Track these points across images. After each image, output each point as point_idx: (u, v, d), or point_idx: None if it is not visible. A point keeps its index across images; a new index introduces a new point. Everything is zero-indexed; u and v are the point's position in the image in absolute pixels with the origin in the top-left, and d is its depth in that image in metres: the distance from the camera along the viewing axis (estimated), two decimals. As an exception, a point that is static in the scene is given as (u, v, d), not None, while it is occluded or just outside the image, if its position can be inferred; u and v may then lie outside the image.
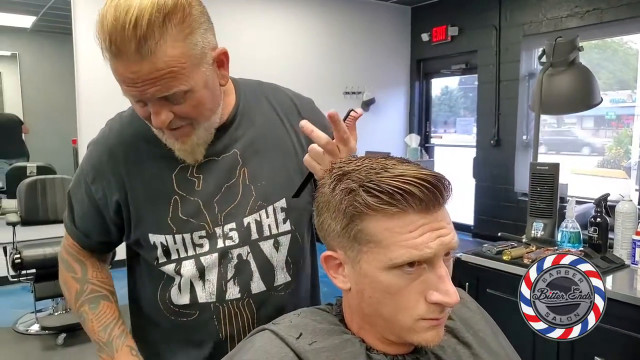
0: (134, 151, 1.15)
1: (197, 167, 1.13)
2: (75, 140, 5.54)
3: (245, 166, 1.15)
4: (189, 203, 1.12)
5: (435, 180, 0.79)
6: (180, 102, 1.00)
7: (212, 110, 1.08)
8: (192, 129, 1.06)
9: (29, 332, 4.01)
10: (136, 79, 0.95)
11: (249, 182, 1.15)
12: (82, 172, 1.19)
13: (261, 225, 1.15)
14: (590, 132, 7.34)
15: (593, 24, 5.23)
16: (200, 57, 1.00)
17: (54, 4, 5.31)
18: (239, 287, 1.13)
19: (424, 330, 0.83)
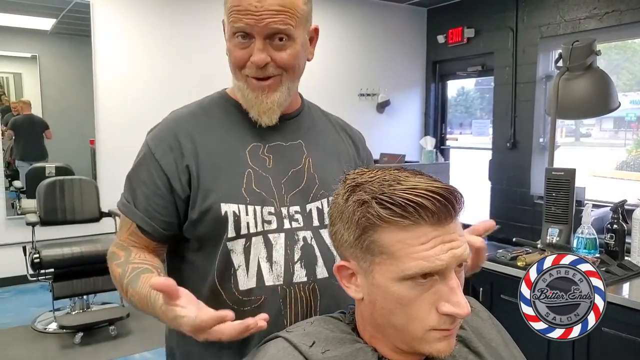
0: (207, 129, 1.21)
1: (267, 148, 1.19)
2: (93, 140, 5.60)
3: (310, 156, 1.22)
4: (262, 178, 1.17)
5: (447, 193, 0.79)
6: (280, 48, 1.10)
7: (299, 71, 1.19)
8: (279, 82, 1.15)
9: (47, 331, 4.07)
10: (259, 7, 1.05)
11: (313, 171, 1.21)
12: (147, 152, 1.22)
13: (322, 213, 1.20)
14: (610, 133, 7.28)
15: (612, 25, 5.18)
16: (307, 19, 1.16)
17: (73, 6, 5.37)
18: (305, 270, 1.15)
19: (436, 341, 0.84)
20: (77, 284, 4.05)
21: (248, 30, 1.08)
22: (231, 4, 1.09)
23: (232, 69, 1.17)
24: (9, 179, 5.30)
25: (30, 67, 5.56)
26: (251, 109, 1.17)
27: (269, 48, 1.10)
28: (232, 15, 1.09)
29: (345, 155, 1.31)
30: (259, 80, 1.13)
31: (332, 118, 1.38)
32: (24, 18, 5.36)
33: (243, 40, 1.10)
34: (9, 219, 5.18)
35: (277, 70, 1.13)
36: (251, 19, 1.06)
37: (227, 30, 1.14)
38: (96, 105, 5.53)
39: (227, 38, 1.14)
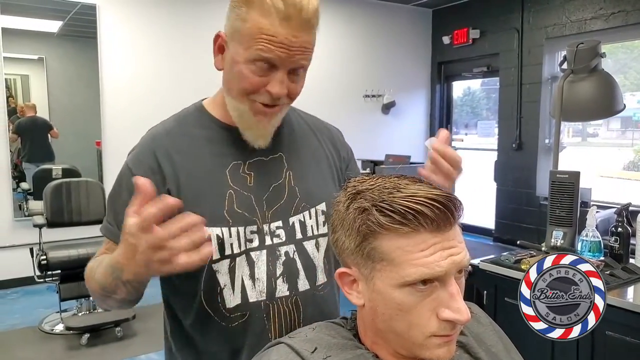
0: (185, 148, 1.19)
1: (247, 165, 1.19)
2: (99, 142, 5.62)
3: (291, 169, 1.23)
4: (243, 197, 1.17)
5: (446, 201, 0.80)
6: (296, 81, 1.14)
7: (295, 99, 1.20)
8: (280, 110, 1.17)
9: (54, 332, 4.09)
10: (294, 42, 1.07)
11: (294, 184, 1.22)
12: (128, 175, 1.21)
13: (305, 225, 1.21)
14: (617, 133, 7.25)
15: (618, 26, 5.17)
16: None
17: (79, 9, 5.40)
18: (287, 284, 1.17)
19: (436, 347, 0.85)
20: (83, 286, 3.99)
21: (277, 63, 1.08)
22: (261, 30, 1.05)
23: (234, 89, 1.14)
24: (16, 180, 5.34)
25: (37, 69, 5.59)
26: (247, 131, 1.17)
27: (288, 80, 1.12)
28: (260, 43, 1.06)
29: (325, 160, 1.31)
30: (267, 106, 1.13)
31: (309, 120, 1.37)
32: (31, 21, 5.40)
33: (264, 69, 1.09)
34: (17, 220, 5.21)
35: (287, 100, 1.15)
36: (284, 52, 1.06)
37: (241, 52, 1.09)
38: (102, 107, 5.56)
39: (239, 59, 1.10)
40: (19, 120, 5.61)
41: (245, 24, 1.07)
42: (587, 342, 2.09)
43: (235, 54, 1.10)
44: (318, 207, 1.23)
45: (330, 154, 1.33)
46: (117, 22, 5.57)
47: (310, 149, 1.30)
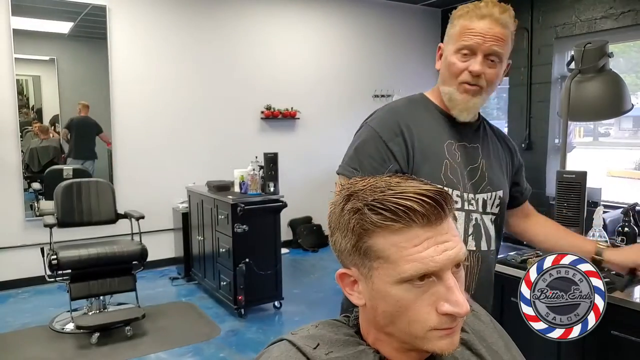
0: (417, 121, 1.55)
1: (456, 146, 1.55)
2: (110, 143, 5.67)
3: (484, 158, 1.59)
4: (454, 168, 1.52)
5: (435, 195, 0.82)
6: (492, 66, 1.47)
7: (493, 89, 1.53)
8: (480, 92, 1.50)
9: (64, 331, 4.12)
10: (488, 32, 1.44)
11: (485, 170, 1.58)
12: (374, 135, 1.53)
13: (486, 203, 1.56)
14: (629, 133, 7.20)
15: (628, 25, 5.14)
16: (508, 52, 1.51)
17: (90, 10, 5.44)
18: (474, 242, 1.51)
19: (438, 339, 0.85)
20: (93, 285, 4.11)
21: (474, 48, 1.45)
22: (464, 27, 1.46)
23: (447, 78, 1.52)
24: (27, 180, 5.39)
25: (48, 70, 5.63)
26: (454, 108, 1.53)
27: (485, 64, 1.46)
28: (463, 36, 1.46)
29: (504, 161, 1.68)
30: (469, 85, 1.48)
31: (495, 129, 1.73)
32: (43, 22, 5.44)
33: (465, 55, 1.47)
34: (28, 220, 5.27)
35: (484, 82, 1.48)
36: (480, 39, 1.44)
37: (451, 48, 1.49)
38: (112, 108, 5.61)
39: (449, 54, 1.50)
40: (72, 118, 5.75)
41: (455, 28, 1.50)
42: (593, 342, 2.08)
43: (447, 51, 1.51)
44: (497, 192, 1.58)
45: (508, 157, 1.71)
46: (126, 23, 5.61)
47: (496, 148, 1.66)
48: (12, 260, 5.20)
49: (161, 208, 5.79)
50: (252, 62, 6.44)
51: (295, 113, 6.71)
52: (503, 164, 1.67)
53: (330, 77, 7.01)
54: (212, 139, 6.21)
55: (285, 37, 6.66)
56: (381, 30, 7.26)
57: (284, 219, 5.23)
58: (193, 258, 5.46)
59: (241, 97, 6.39)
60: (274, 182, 4.68)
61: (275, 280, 4.65)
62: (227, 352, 3.82)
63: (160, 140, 5.88)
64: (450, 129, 1.56)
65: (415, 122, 1.54)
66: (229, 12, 6.25)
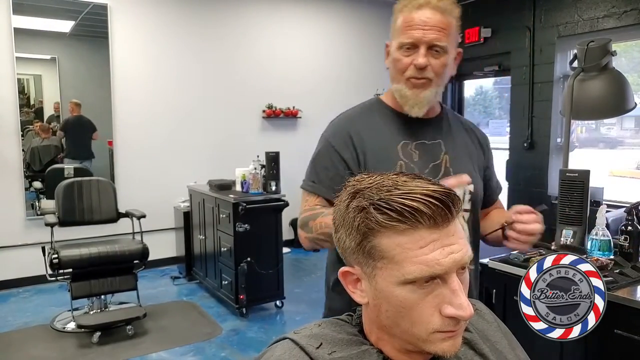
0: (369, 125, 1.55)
1: (414, 145, 1.51)
2: (111, 142, 5.66)
3: (447, 153, 1.53)
4: (410, 168, 1.48)
5: (443, 196, 0.80)
6: (437, 57, 1.43)
7: (444, 80, 1.49)
8: (430, 84, 1.46)
9: (66, 330, 4.12)
10: (427, 22, 1.41)
11: (449, 166, 1.52)
12: (327, 145, 1.55)
13: None
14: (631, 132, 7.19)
15: (631, 24, 5.12)
16: (455, 40, 1.48)
17: (91, 9, 5.44)
18: None
19: (440, 341, 0.84)
20: (94, 284, 4.10)
21: (416, 42, 1.42)
22: (403, 22, 1.45)
23: (394, 75, 1.50)
24: (28, 180, 5.38)
25: (49, 69, 5.64)
26: (406, 104, 1.49)
27: (428, 55, 1.43)
28: (403, 32, 1.44)
29: (474, 154, 1.61)
30: (417, 79, 1.45)
31: (463, 120, 1.69)
32: (43, 21, 5.44)
33: (408, 50, 1.44)
34: (29, 219, 5.26)
35: (431, 74, 1.44)
36: (420, 32, 1.41)
37: (394, 45, 1.48)
38: (114, 107, 5.61)
39: (393, 50, 1.48)
40: (67, 118, 5.73)
41: (396, 23, 1.48)
42: (596, 341, 2.08)
43: (392, 48, 1.50)
44: (467, 187, 1.50)
45: (479, 150, 1.64)
46: (128, 22, 5.60)
47: (463, 141, 1.60)
48: (13, 260, 5.20)
49: (162, 207, 5.78)
50: (253, 61, 6.43)
51: (297, 112, 6.71)
52: (473, 157, 1.62)
53: (331, 76, 7.00)
54: (213, 138, 6.20)
55: (286, 36, 6.65)
56: (383, 28, 7.23)
57: (285, 218, 5.22)
58: (194, 257, 5.46)
59: (243, 96, 6.38)
60: (276, 181, 4.68)
61: (276, 280, 4.65)
62: (229, 351, 3.81)
63: (161, 139, 5.88)
64: (406, 129, 1.53)
65: (367, 127, 1.54)
66: (230, 11, 6.24)
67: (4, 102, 5.10)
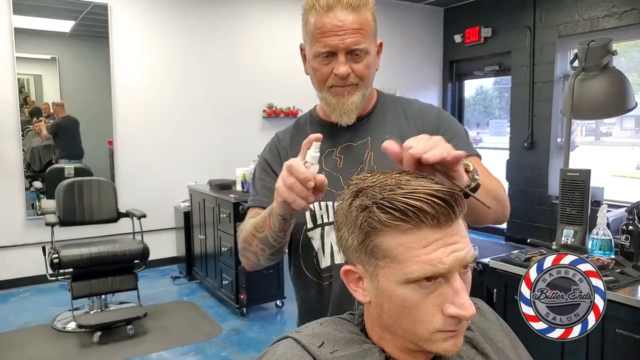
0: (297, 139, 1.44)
1: (339, 150, 1.42)
2: (111, 141, 5.66)
3: (372, 150, 1.40)
4: (333, 178, 1.36)
5: (446, 196, 0.80)
6: (358, 61, 1.30)
7: (371, 80, 1.38)
8: (355, 89, 1.34)
9: (66, 330, 4.12)
10: (342, 26, 1.26)
11: (374, 164, 1.38)
12: (263, 161, 1.51)
13: None
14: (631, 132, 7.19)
15: (631, 24, 5.13)
16: (374, 34, 1.35)
17: (91, 9, 5.44)
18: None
19: (442, 341, 0.84)
20: (95, 284, 4.10)
21: (332, 50, 1.28)
22: (314, 28, 1.29)
23: (316, 85, 1.37)
24: (29, 179, 5.39)
25: (50, 69, 5.64)
26: (333, 113, 1.38)
27: (350, 61, 1.30)
28: (316, 39, 1.29)
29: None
30: (341, 87, 1.33)
31: (405, 106, 1.49)
32: (44, 20, 5.44)
33: (326, 58, 1.30)
34: (29, 219, 5.26)
35: (355, 79, 1.32)
36: (335, 39, 1.27)
37: (309, 52, 1.33)
38: (114, 106, 5.60)
39: (310, 58, 1.34)
40: (57, 120, 5.71)
41: (307, 27, 1.32)
42: (597, 340, 2.08)
43: (309, 54, 1.34)
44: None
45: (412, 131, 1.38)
46: (128, 21, 5.60)
47: (397, 132, 1.40)
48: (13, 259, 5.20)
49: (163, 207, 5.78)
50: (253, 60, 6.43)
51: (297, 112, 6.70)
52: None
53: (332, 76, 7.00)
54: (213, 137, 6.20)
55: (287, 36, 6.65)
56: (383, 28, 7.19)
57: (285, 218, 5.22)
58: (195, 257, 5.46)
59: (243, 96, 6.38)
60: (276, 181, 4.67)
61: (277, 279, 4.65)
62: (229, 351, 3.81)
63: (162, 138, 5.87)
64: (333, 136, 1.42)
65: (295, 141, 1.44)
66: (230, 11, 6.24)
67: (4, 102, 5.10)
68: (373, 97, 1.48)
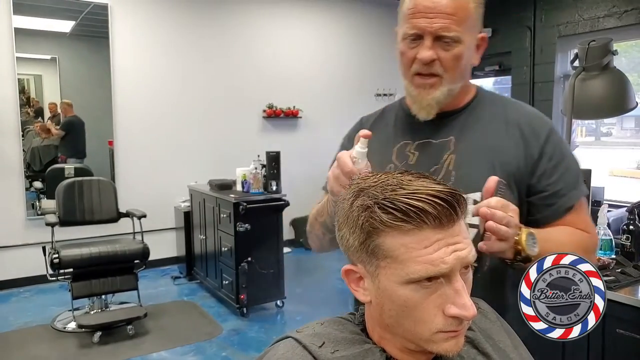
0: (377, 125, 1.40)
1: (415, 145, 1.32)
2: (112, 141, 5.66)
3: (454, 153, 1.27)
4: None
5: (449, 197, 0.80)
6: (447, 49, 1.19)
7: (461, 74, 1.26)
8: (439, 83, 1.23)
9: (66, 330, 4.12)
10: (433, 8, 1.17)
11: (452, 168, 1.26)
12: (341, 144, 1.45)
13: None
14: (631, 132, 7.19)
15: (632, 24, 5.12)
16: (473, 26, 1.23)
17: (92, 9, 5.44)
18: None
19: (443, 341, 0.84)
20: (95, 284, 4.10)
21: (419, 32, 1.19)
22: (407, 7, 1.21)
23: (401, 70, 1.28)
24: (29, 179, 5.38)
25: (50, 69, 5.64)
26: (413, 105, 1.28)
27: (436, 47, 1.19)
28: (406, 20, 1.21)
29: (506, 153, 1.25)
30: (422, 76, 1.23)
31: (510, 113, 1.31)
32: (44, 21, 5.44)
33: (413, 42, 1.21)
34: (29, 219, 5.27)
35: (440, 69, 1.21)
36: (424, 21, 1.17)
37: (399, 34, 1.25)
38: (114, 107, 5.61)
39: (398, 41, 1.26)
40: (68, 118, 5.74)
41: (401, 7, 1.24)
42: (598, 340, 2.08)
43: (398, 37, 1.26)
44: (471, 195, 1.17)
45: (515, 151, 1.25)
46: (128, 21, 5.61)
47: (488, 138, 1.28)
48: (13, 259, 5.20)
49: (163, 207, 5.78)
50: (254, 60, 6.44)
51: (297, 112, 6.71)
52: (504, 156, 1.25)
53: (332, 76, 7.00)
54: (214, 137, 6.20)
55: (287, 36, 6.66)
56: (383, 28, 7.24)
57: (286, 218, 5.22)
58: (195, 257, 5.46)
59: (243, 96, 6.39)
60: (276, 181, 4.67)
61: (277, 279, 4.65)
62: (229, 351, 3.81)
63: (162, 138, 5.88)
64: (413, 128, 1.32)
65: (376, 127, 1.38)
66: (231, 11, 6.24)
67: (5, 102, 5.10)
68: (469, 93, 1.35)
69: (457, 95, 1.29)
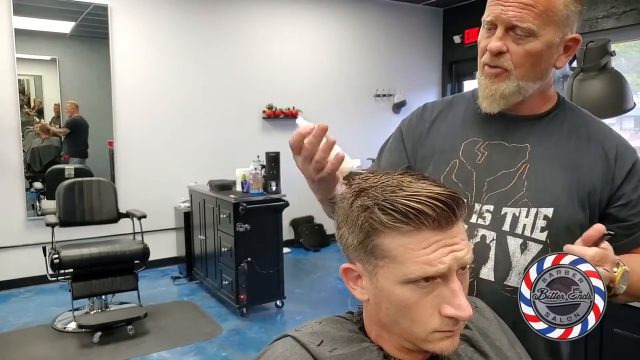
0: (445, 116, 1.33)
1: (486, 145, 1.23)
2: (112, 142, 5.67)
3: (529, 162, 1.19)
4: (464, 170, 1.23)
5: (448, 199, 0.81)
6: (519, 42, 1.11)
7: (534, 72, 1.15)
8: (507, 76, 1.15)
9: (67, 330, 4.13)
10: None
11: (524, 178, 1.18)
12: (399, 127, 1.40)
13: (517, 220, 1.18)
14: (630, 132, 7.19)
15: (630, 25, 5.13)
16: (560, 23, 1.11)
17: (92, 10, 5.45)
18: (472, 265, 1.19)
19: (439, 340, 0.85)
20: (95, 284, 4.11)
21: (494, 20, 1.13)
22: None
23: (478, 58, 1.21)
24: (29, 180, 5.39)
25: (50, 70, 5.64)
26: (479, 96, 1.22)
27: (508, 39, 1.12)
28: (487, 6, 1.15)
29: (586, 171, 1.17)
30: (490, 67, 1.16)
31: (590, 125, 1.22)
32: (44, 22, 5.45)
33: (489, 30, 1.15)
34: (30, 219, 5.27)
35: (509, 63, 1.14)
36: (499, 7, 1.11)
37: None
38: (114, 107, 5.61)
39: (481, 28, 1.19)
40: (74, 117, 5.77)
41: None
42: (596, 340, 2.08)
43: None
44: (542, 210, 1.15)
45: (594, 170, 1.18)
46: (128, 22, 5.61)
47: (569, 152, 1.19)
48: (14, 260, 5.21)
49: (163, 207, 5.79)
50: (253, 61, 6.44)
51: (297, 113, 6.71)
52: (575, 174, 1.17)
53: (331, 76, 7.01)
54: (213, 138, 6.21)
55: (286, 37, 6.66)
56: (383, 29, 7.25)
57: (285, 219, 5.23)
58: (195, 257, 5.46)
59: (243, 97, 6.39)
60: (276, 182, 4.68)
61: (277, 280, 4.65)
62: (229, 351, 3.82)
63: (162, 139, 5.88)
64: (486, 126, 1.24)
65: (442, 117, 1.32)
66: (230, 12, 6.25)
67: (5, 102, 5.11)
68: (550, 100, 1.25)
69: (535, 99, 1.21)
